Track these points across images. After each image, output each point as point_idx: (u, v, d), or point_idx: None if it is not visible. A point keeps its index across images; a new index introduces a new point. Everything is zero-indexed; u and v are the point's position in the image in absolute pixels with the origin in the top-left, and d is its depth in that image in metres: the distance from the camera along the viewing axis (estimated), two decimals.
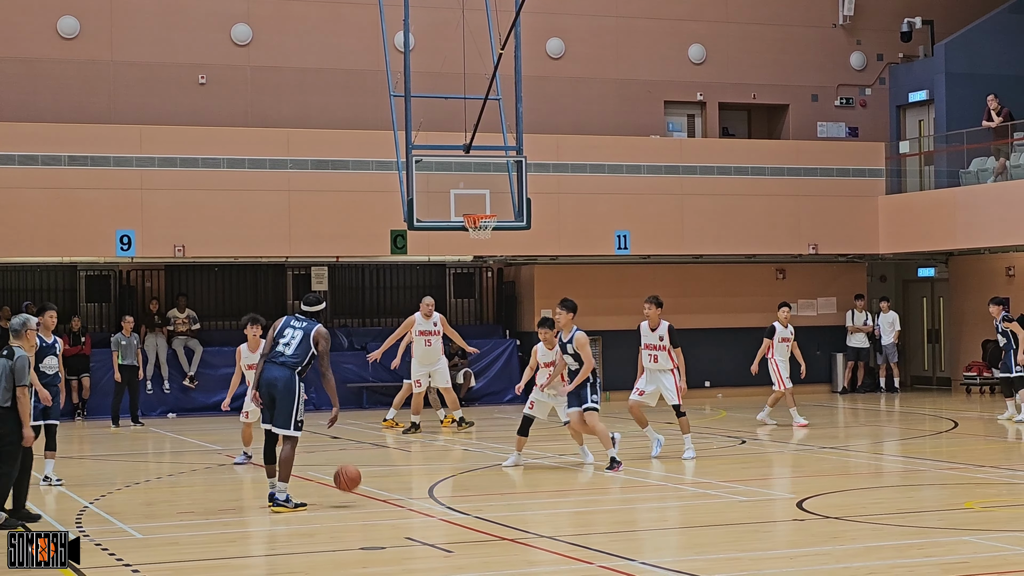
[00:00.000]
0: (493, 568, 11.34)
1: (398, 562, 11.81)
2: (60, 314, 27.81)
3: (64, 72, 28.36)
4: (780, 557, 11.55)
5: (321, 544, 12.70)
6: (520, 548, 12.27)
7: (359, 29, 29.31)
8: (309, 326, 14.50)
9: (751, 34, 32.73)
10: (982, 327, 30.90)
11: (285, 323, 14.64)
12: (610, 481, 16.83)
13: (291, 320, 14.68)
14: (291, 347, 14.39)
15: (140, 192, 26.71)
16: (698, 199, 29.87)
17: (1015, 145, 30.31)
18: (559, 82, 31.23)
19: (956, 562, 11.07)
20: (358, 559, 12.02)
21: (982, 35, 32.14)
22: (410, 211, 21.82)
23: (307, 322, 14.60)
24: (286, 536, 13.15)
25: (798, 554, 11.73)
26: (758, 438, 21.53)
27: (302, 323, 14.58)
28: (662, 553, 11.63)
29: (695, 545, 12.42)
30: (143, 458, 20.70)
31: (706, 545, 12.42)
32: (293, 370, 14.30)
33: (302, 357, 14.37)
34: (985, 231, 28.84)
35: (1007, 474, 16.86)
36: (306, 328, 14.50)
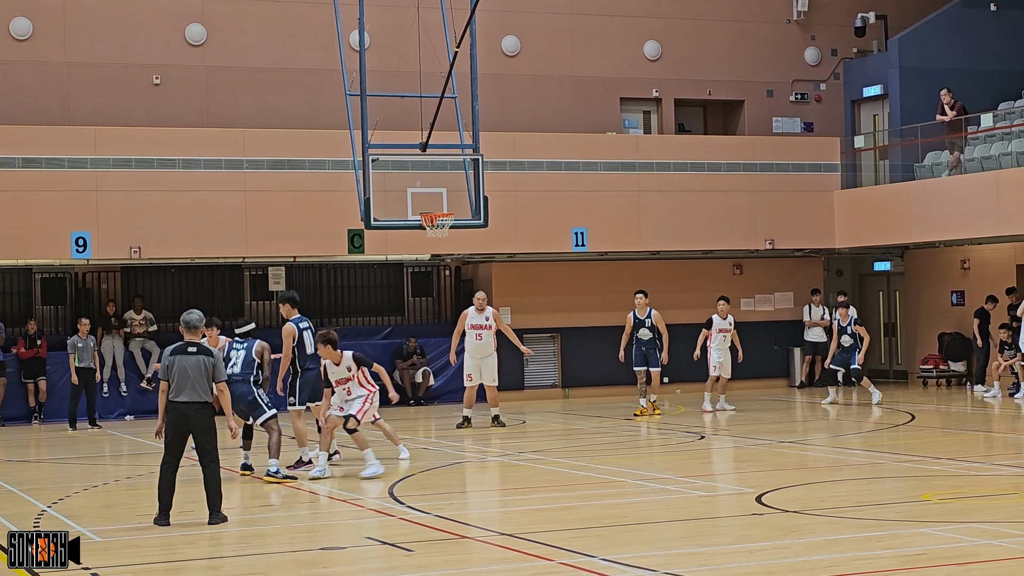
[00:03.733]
0: (454, 566, 11.36)
1: (359, 561, 11.82)
2: (16, 317, 27.87)
3: (17, 73, 28.20)
4: (739, 551, 11.60)
5: (282, 544, 12.69)
6: (480, 546, 12.29)
7: (314, 28, 29.25)
8: (249, 345, 17.25)
9: (706, 30, 32.83)
10: (938, 320, 31.12)
11: (229, 347, 17.37)
12: (571, 478, 16.86)
13: (233, 343, 17.40)
14: (238, 366, 17.03)
15: (95, 193, 26.60)
16: (655, 195, 29.95)
17: (969, 139, 30.50)
18: (515, 80, 31.25)
19: (914, 554, 11.14)
20: (318, 559, 12.02)
21: (935, 30, 32.33)
22: (367, 210, 21.81)
23: (247, 342, 17.29)
24: (247, 537, 13.13)
25: (757, 548, 11.78)
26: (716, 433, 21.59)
27: (243, 344, 17.28)
28: (622, 549, 11.66)
29: (655, 540, 12.46)
30: (101, 461, 20.61)
31: (665, 540, 12.46)
32: (247, 382, 17.02)
33: (251, 369, 17.12)
34: (940, 225, 29.00)
35: (964, 466, 16.96)
36: (247, 347, 17.23)
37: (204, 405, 13.63)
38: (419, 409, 28.34)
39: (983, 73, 32.11)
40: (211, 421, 13.70)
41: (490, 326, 23.64)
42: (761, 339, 31.42)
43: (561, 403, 29.27)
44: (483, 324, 23.62)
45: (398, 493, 15.62)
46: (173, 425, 13.63)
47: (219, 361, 13.86)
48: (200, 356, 13.67)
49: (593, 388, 30.28)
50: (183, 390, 13.55)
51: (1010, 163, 28.71)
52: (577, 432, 23.12)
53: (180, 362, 13.61)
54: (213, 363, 13.72)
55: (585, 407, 27.69)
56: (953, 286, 31.25)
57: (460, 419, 23.75)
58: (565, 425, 24.61)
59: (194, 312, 14.14)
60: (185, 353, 13.67)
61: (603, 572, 10.70)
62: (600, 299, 30.33)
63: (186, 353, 13.67)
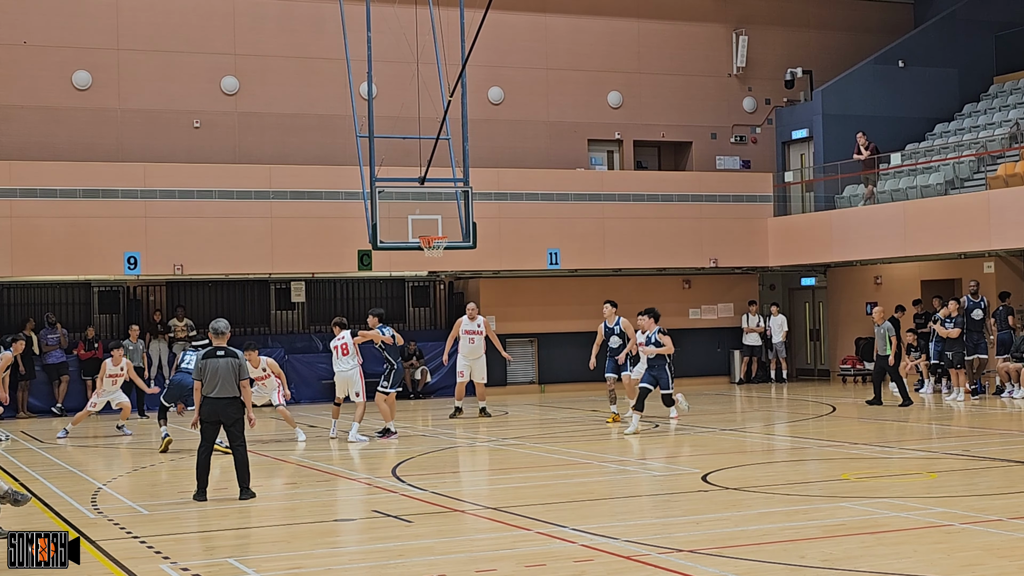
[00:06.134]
0: (447, 535, 11.34)
1: (367, 531, 11.79)
2: (76, 324, 27.80)
3: (78, 118, 28.14)
4: (687, 523, 11.59)
5: (301, 517, 12.66)
6: (469, 518, 12.27)
7: (330, 80, 29.24)
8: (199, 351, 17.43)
9: (660, 83, 32.88)
10: (855, 327, 31.17)
11: (186, 352, 19.02)
12: (546, 460, 16.85)
13: (188, 350, 19.26)
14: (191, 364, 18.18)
15: (144, 220, 26.54)
16: (617, 221, 29.96)
17: (881, 174, 30.62)
18: (499, 124, 31.26)
19: (834, 524, 11.15)
20: (332, 529, 11.99)
21: (853, 82, 32.44)
22: (374, 234, 21.80)
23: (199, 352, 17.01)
24: (271, 510, 13.09)
25: (703, 519, 11.77)
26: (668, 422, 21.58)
27: (195, 352, 18.31)
28: (588, 520, 11.65)
29: (616, 513, 12.45)
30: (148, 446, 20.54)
31: (625, 513, 12.45)
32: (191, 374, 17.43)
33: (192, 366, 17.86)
34: (857, 247, 29.07)
35: (877, 450, 16.99)
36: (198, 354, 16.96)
37: (233, 399, 13.59)
38: (418, 402, 28.30)
39: (893, 119, 32.25)
40: (239, 412, 13.67)
41: (481, 331, 23.62)
42: (706, 343, 31.51)
43: (538, 397, 29.24)
44: (475, 330, 23.59)
45: (400, 473, 15.60)
46: (207, 416, 13.60)
47: (244, 362, 13.80)
48: (228, 358, 13.64)
49: (565, 384, 30.27)
50: (215, 387, 13.52)
51: (916, 195, 28.82)
52: (551, 422, 23.09)
53: (212, 364, 13.58)
54: (239, 364, 13.68)
55: (558, 401, 27.67)
56: (868, 298, 31.30)
57: (452, 409, 23.71)
58: (541, 416, 24.58)
59: (221, 320, 14.09)
60: (215, 356, 13.63)
61: (572, 540, 10.69)
62: (571, 309, 30.33)
63: (216, 356, 13.63)
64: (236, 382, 13.60)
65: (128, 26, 28.61)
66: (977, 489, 13.38)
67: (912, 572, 9.16)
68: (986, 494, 12.90)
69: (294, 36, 29.82)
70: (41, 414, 26.47)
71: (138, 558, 10.43)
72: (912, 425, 20.88)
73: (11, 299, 28.21)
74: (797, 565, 9.45)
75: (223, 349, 13.73)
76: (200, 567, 10.03)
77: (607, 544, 10.47)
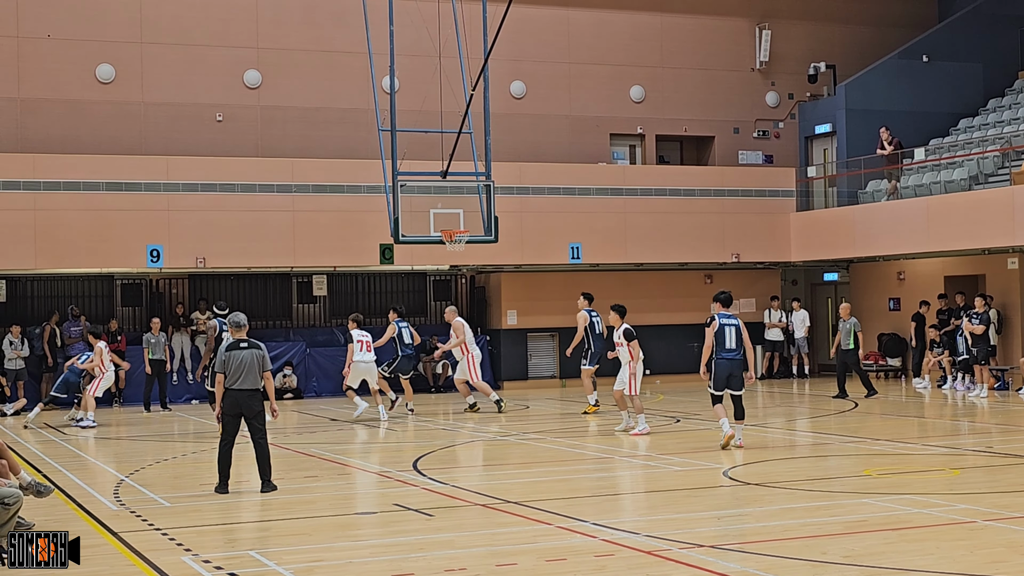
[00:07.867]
0: (467, 529, 11.34)
1: (388, 524, 11.79)
2: (99, 317, 27.89)
3: (102, 111, 28.23)
4: (709, 518, 11.58)
5: (323, 509, 12.68)
6: (490, 512, 12.27)
7: (352, 74, 29.27)
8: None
9: (683, 77, 32.81)
10: (878, 322, 31.05)
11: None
12: (567, 455, 16.85)
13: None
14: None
15: (167, 213, 26.61)
16: (639, 216, 29.91)
17: (904, 170, 30.49)
18: (521, 118, 31.23)
19: (856, 520, 11.12)
20: (354, 521, 12.01)
21: (876, 77, 32.30)
22: (396, 227, 21.80)
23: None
24: (292, 503, 13.11)
25: (724, 515, 11.75)
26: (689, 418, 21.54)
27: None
28: (609, 515, 11.64)
29: (637, 508, 12.43)
30: (170, 438, 20.62)
31: (646, 508, 12.44)
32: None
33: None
34: (879, 242, 28.96)
35: (900, 446, 16.93)
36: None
37: (255, 392, 13.62)
38: (439, 396, 28.32)
39: (916, 114, 32.09)
40: (261, 405, 13.70)
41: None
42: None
43: (559, 391, 29.22)
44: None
45: (421, 466, 15.61)
46: (229, 409, 13.62)
47: (267, 354, 13.82)
48: (252, 350, 13.67)
49: None
50: (238, 379, 13.54)
51: (939, 190, 28.67)
52: (572, 416, 23.08)
53: (236, 355, 13.60)
54: (262, 355, 13.71)
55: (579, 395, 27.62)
56: (890, 294, 31.19)
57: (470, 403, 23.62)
58: (562, 410, 24.57)
59: (240, 314, 14.13)
60: (239, 348, 13.66)
61: (593, 535, 10.68)
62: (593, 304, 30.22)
63: (239, 348, 13.66)
64: (259, 373, 13.62)
65: (151, 20, 28.68)
66: (1000, 486, 13.33)
67: (934, 569, 9.13)
68: (1009, 491, 12.85)
69: (317, 30, 29.85)
70: (64, 406, 26.56)
71: (160, 550, 10.46)
72: (935, 421, 20.80)
73: (35, 291, 28.34)
74: (819, 561, 9.43)
75: (246, 341, 13.74)
76: (221, 559, 10.05)
77: (628, 539, 10.46)
